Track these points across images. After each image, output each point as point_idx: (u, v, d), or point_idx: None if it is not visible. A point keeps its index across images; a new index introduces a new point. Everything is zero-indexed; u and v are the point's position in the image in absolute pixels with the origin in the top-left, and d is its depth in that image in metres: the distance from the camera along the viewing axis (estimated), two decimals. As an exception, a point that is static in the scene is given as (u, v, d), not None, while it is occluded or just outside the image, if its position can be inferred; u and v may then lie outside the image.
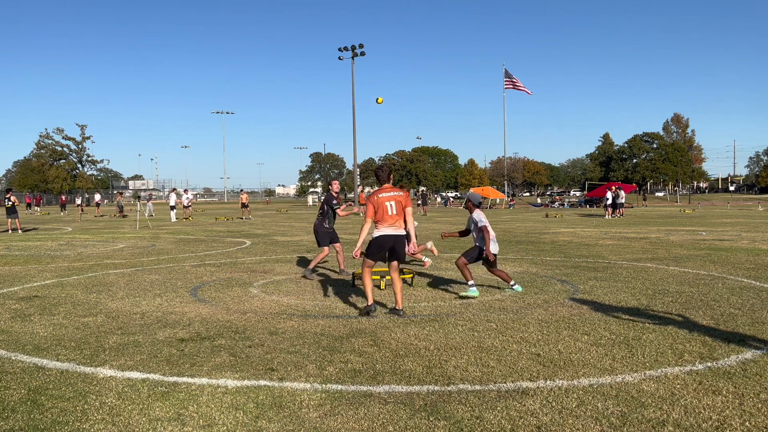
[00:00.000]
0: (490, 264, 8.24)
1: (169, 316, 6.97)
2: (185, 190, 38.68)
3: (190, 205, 35.37)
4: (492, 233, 8.08)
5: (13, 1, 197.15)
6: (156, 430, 3.71)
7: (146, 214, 39.02)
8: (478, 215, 8.17)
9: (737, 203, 58.69)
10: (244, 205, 33.83)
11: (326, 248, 10.17)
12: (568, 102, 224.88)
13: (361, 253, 6.98)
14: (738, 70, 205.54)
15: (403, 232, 6.91)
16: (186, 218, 32.47)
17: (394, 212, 6.82)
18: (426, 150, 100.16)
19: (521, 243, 16.34)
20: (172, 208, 32.39)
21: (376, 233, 6.85)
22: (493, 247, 8.12)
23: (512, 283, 8.31)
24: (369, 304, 6.93)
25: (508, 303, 7.54)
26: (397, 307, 6.87)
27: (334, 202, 10.35)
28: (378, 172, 7.10)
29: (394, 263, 6.94)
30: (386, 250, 6.88)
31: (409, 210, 6.94)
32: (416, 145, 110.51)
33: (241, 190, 39.36)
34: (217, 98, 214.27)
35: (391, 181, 7.11)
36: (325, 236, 10.20)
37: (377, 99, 8.31)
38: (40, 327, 6.43)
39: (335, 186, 10.59)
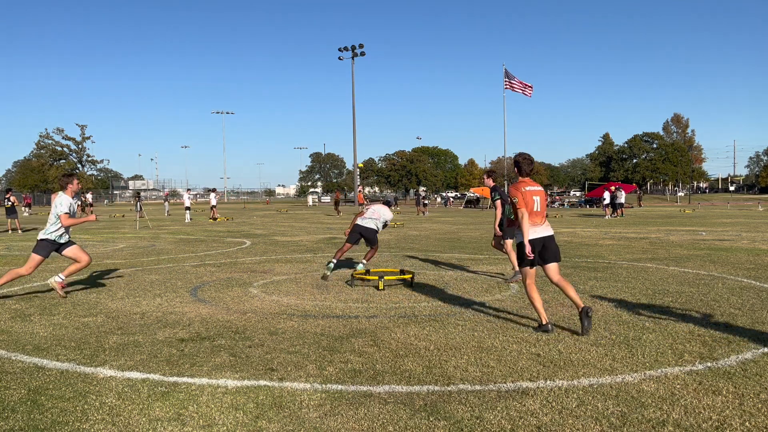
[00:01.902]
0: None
1: (169, 316, 6.97)
2: (213, 189, 38.34)
3: (215, 206, 35.20)
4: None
5: (13, 1, 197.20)
6: (156, 430, 3.71)
7: (165, 214, 39.03)
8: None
9: (737, 203, 58.70)
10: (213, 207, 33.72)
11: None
12: (568, 102, 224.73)
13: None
14: (738, 70, 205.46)
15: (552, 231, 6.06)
16: (213, 219, 31.83)
17: (540, 209, 6.00)
18: (426, 150, 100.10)
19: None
20: (188, 208, 32.15)
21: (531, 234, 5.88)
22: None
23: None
24: (545, 323, 5.96)
25: (508, 303, 7.54)
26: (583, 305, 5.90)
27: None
28: (522, 164, 6.13)
29: (553, 266, 6.02)
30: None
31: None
32: (416, 145, 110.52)
33: (214, 189, 38.87)
34: (217, 98, 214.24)
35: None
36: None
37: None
38: (40, 327, 6.43)
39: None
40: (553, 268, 6.00)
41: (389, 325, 6.34)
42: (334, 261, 9.74)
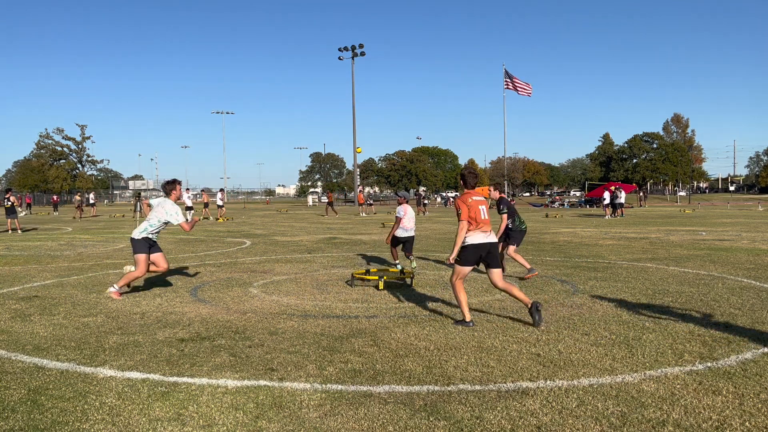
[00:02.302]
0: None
1: (169, 316, 6.97)
2: (221, 190, 38.34)
3: (223, 205, 35.19)
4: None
5: (13, 1, 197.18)
6: (156, 430, 3.71)
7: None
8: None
9: (737, 203, 58.69)
10: (206, 204, 33.71)
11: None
12: (568, 102, 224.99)
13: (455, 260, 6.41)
14: (738, 70, 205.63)
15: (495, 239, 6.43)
16: (219, 218, 31.84)
17: (487, 216, 6.41)
18: (426, 150, 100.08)
19: (521, 243, 16.32)
20: (189, 208, 32.11)
21: (470, 240, 6.28)
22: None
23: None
24: (467, 320, 6.28)
25: (508, 303, 7.54)
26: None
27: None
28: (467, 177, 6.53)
29: (497, 271, 6.40)
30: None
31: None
32: (416, 145, 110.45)
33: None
34: (217, 98, 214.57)
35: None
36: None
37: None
38: (40, 327, 6.43)
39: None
40: (497, 273, 6.43)
41: (389, 325, 6.34)
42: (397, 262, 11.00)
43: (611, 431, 3.63)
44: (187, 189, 36.11)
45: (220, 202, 34.82)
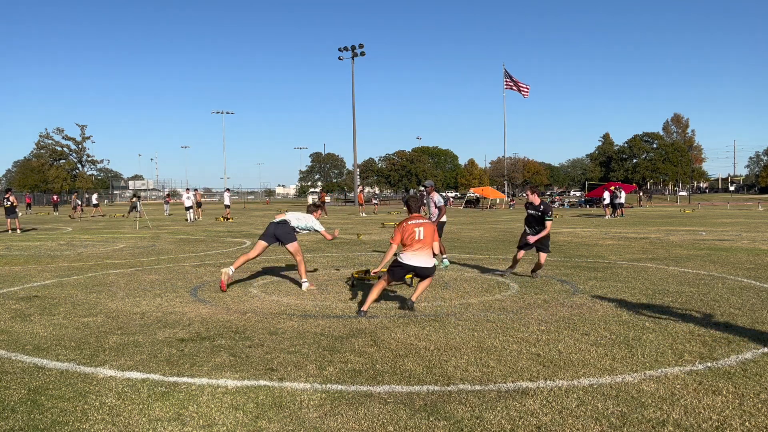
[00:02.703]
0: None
1: (169, 316, 6.97)
2: (227, 189, 38.31)
3: (229, 205, 35.15)
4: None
5: (13, 1, 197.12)
6: (156, 430, 3.71)
7: (166, 213, 39.05)
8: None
9: (737, 203, 58.69)
10: (199, 204, 33.68)
11: None
12: (568, 102, 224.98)
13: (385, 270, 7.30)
14: (738, 70, 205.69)
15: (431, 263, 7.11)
16: (225, 218, 31.81)
17: (422, 237, 7.05)
18: (426, 150, 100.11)
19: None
20: (188, 208, 32.06)
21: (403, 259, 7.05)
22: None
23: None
24: (364, 309, 6.97)
25: (508, 303, 7.54)
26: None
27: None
28: (409, 202, 7.46)
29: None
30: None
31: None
32: (416, 145, 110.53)
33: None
34: (217, 98, 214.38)
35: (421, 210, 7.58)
36: None
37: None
38: (40, 327, 6.43)
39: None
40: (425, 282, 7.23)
41: (389, 325, 6.34)
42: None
43: (611, 431, 3.63)
44: (187, 189, 36.07)
45: (227, 201, 34.77)
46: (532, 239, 9.49)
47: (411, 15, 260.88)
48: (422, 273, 7.09)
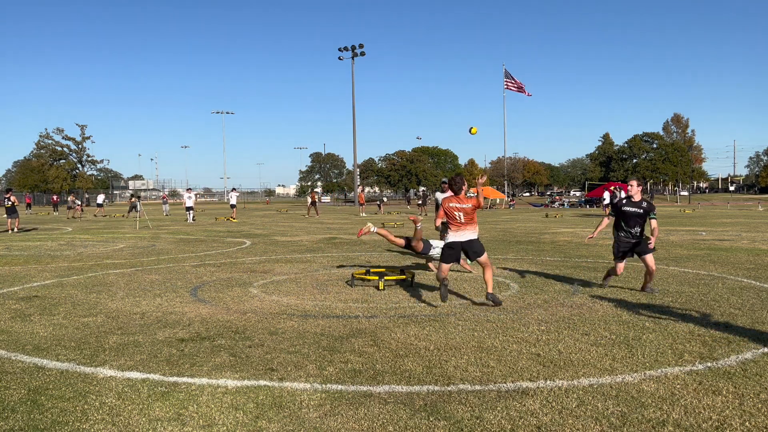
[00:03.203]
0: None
1: (169, 316, 6.97)
2: (233, 189, 38.27)
3: (235, 205, 35.15)
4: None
5: (13, 1, 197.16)
6: (156, 430, 3.71)
7: (165, 213, 39.07)
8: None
9: (737, 203, 58.69)
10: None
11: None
12: (568, 102, 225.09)
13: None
14: (738, 70, 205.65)
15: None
16: (229, 218, 31.79)
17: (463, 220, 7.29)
18: (426, 150, 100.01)
19: (521, 243, 16.34)
20: (189, 209, 31.92)
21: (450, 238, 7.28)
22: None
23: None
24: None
25: (508, 303, 7.54)
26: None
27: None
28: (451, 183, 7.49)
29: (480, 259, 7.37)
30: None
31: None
32: (416, 145, 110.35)
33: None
34: (217, 98, 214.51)
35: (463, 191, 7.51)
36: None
37: (471, 129, 7.96)
38: (40, 327, 6.43)
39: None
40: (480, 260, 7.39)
41: (389, 325, 6.34)
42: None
43: (611, 431, 3.63)
44: (188, 189, 36.04)
45: (234, 201, 34.69)
46: (651, 244, 8.03)
47: (411, 15, 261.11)
48: (471, 247, 7.25)
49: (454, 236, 7.29)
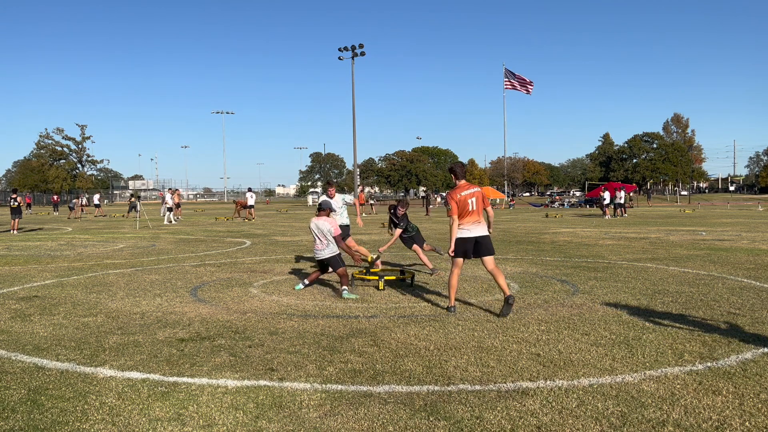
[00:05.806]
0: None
1: (169, 316, 6.97)
2: (249, 189, 38.21)
3: (253, 205, 35.16)
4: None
5: (13, 1, 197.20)
6: (156, 430, 3.71)
7: (161, 214, 39.06)
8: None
9: (737, 203, 58.68)
10: (178, 206, 33.71)
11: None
12: (568, 102, 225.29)
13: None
14: (738, 70, 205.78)
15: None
16: (244, 218, 31.83)
17: (475, 209, 7.06)
18: (426, 150, 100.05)
19: (521, 243, 16.34)
20: (170, 209, 31.85)
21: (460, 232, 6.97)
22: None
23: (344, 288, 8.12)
24: (451, 305, 7.06)
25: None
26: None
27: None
28: (455, 169, 7.25)
29: (488, 258, 7.02)
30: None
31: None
32: (416, 145, 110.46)
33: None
34: (217, 98, 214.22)
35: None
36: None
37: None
38: (40, 327, 6.43)
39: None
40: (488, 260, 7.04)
41: (389, 325, 6.34)
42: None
43: (611, 431, 3.62)
44: (169, 189, 35.66)
45: (251, 202, 34.64)
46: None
47: (411, 14, 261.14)
48: (483, 242, 7.02)
49: (467, 231, 6.97)
